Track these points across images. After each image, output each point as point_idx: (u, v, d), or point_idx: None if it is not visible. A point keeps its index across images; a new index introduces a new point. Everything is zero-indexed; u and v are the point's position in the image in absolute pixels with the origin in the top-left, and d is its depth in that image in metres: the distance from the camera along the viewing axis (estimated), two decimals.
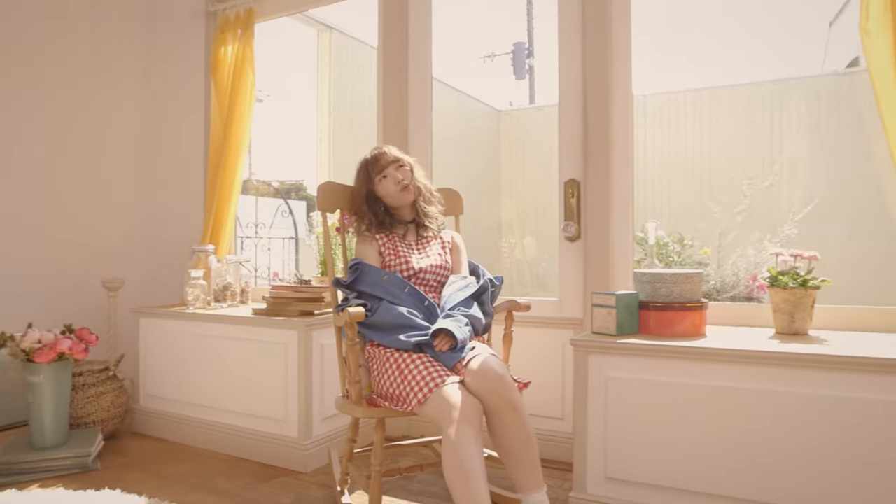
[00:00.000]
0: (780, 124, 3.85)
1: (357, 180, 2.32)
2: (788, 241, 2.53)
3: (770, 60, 3.79)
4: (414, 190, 2.29)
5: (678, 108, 4.49)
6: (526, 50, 9.54)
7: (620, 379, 2.06)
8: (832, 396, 1.80)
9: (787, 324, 2.13)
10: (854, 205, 2.88)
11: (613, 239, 2.57)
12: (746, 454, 1.89)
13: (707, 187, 3.38)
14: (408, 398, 1.89)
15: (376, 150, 2.30)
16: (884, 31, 2.06)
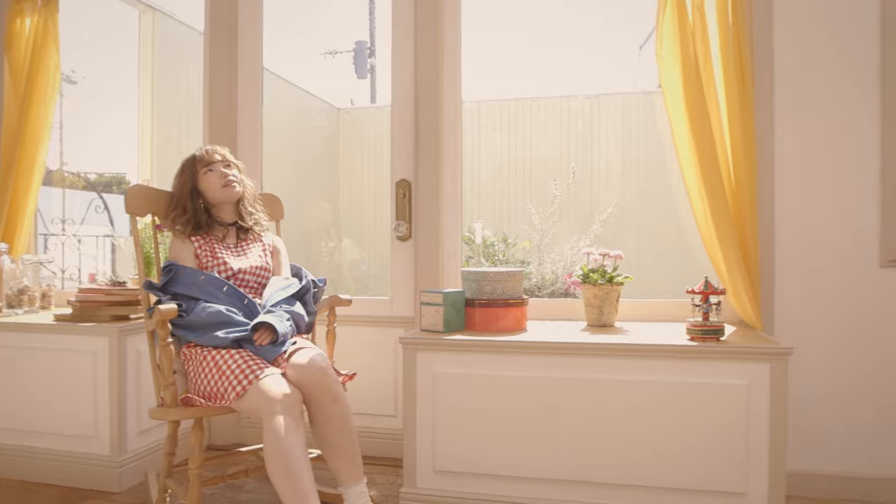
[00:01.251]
0: (599, 134, 4.18)
1: (181, 175, 2.20)
2: (599, 241, 2.77)
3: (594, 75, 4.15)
4: (241, 188, 2.21)
5: (511, 115, 4.71)
6: (368, 49, 9.52)
7: (448, 374, 2.14)
8: (635, 381, 2.02)
9: (597, 317, 2.34)
10: (654, 210, 3.21)
11: (443, 239, 2.66)
12: (566, 438, 2.06)
13: (531, 190, 3.60)
14: (225, 393, 1.83)
15: (207, 147, 2.23)
16: (674, 58, 2.32)
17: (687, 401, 1.99)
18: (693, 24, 2.32)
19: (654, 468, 2.01)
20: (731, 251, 2.21)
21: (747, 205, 2.26)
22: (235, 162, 2.27)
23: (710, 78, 2.32)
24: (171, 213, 2.18)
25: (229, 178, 2.17)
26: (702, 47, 2.32)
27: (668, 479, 2.01)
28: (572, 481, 2.06)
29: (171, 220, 2.18)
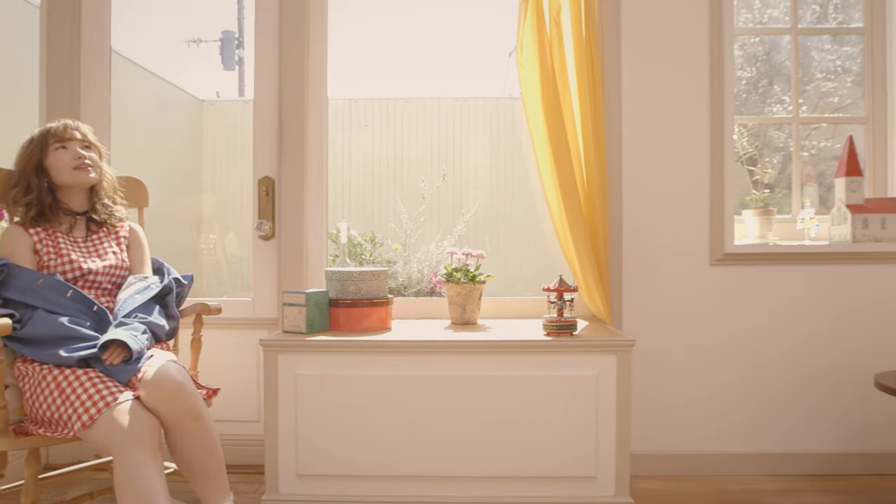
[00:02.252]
0: (468, 136, 4.26)
1: (27, 147, 1.93)
2: (466, 241, 2.84)
3: (465, 79, 4.25)
4: (97, 174, 1.99)
5: (383, 115, 4.69)
6: (235, 40, 9.11)
7: (311, 376, 2.09)
8: (495, 376, 2.08)
9: (460, 315, 2.40)
10: (519, 211, 3.33)
11: (307, 238, 2.60)
12: (431, 435, 2.08)
13: (401, 189, 3.62)
14: (69, 421, 1.64)
15: (67, 121, 1.98)
16: (533, 67, 2.43)
17: (544, 393, 2.08)
18: (550, 34, 2.44)
19: (515, 459, 2.09)
20: (584, 251, 2.35)
21: (599, 207, 2.41)
22: (97, 144, 2.03)
23: (565, 86, 2.45)
24: (12, 191, 1.91)
25: (84, 161, 1.94)
26: (558, 57, 2.45)
27: (528, 469, 2.10)
28: (438, 477, 2.10)
29: (11, 198, 1.91)
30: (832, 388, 2.61)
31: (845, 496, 2.39)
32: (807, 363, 2.60)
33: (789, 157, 2.89)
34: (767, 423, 2.61)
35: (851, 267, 2.60)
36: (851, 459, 2.60)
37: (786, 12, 2.93)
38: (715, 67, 2.56)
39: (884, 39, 2.83)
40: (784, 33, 2.91)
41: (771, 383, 2.61)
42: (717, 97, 2.56)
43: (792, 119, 2.86)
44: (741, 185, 3.07)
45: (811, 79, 3.10)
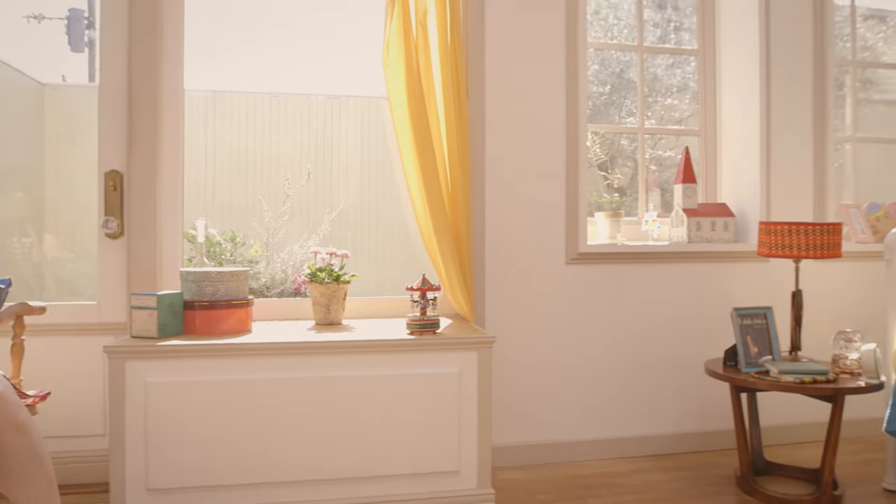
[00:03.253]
0: (338, 135, 4.21)
1: None
2: (334, 240, 2.81)
3: (337, 76, 4.17)
4: None
5: (250, 109, 4.51)
6: (85, 19, 8.38)
7: (163, 383, 1.98)
8: (359, 376, 2.08)
9: (324, 315, 2.37)
10: (388, 210, 3.34)
11: (161, 237, 2.45)
12: (294, 438, 2.04)
13: (268, 187, 3.50)
14: None
15: None
16: (399, 67, 2.44)
17: (408, 391, 2.11)
18: (417, 37, 2.47)
19: (380, 458, 2.10)
20: (448, 250, 2.40)
21: (462, 208, 2.47)
22: None
23: (431, 88, 2.50)
24: None
25: None
26: (424, 59, 2.48)
27: (394, 467, 2.11)
28: (302, 481, 2.05)
29: None
30: (672, 374, 2.86)
31: (682, 472, 2.63)
32: (651, 352, 2.84)
33: (644, 164, 3.13)
34: (617, 410, 2.81)
35: (687, 265, 2.86)
36: (688, 439, 2.87)
37: (634, 32, 3.16)
38: (571, 78, 2.72)
39: (714, 60, 3.14)
40: (631, 50, 3.15)
41: (620, 372, 2.81)
42: (572, 105, 2.71)
43: (638, 129, 3.10)
44: (597, 188, 3.28)
45: (659, 94, 3.38)
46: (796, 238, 2.38)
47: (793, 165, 2.98)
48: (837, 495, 2.32)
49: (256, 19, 3.84)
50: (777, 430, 2.95)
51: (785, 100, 2.96)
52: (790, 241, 2.40)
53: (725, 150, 3.10)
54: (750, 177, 2.96)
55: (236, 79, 4.35)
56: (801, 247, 2.38)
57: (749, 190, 2.96)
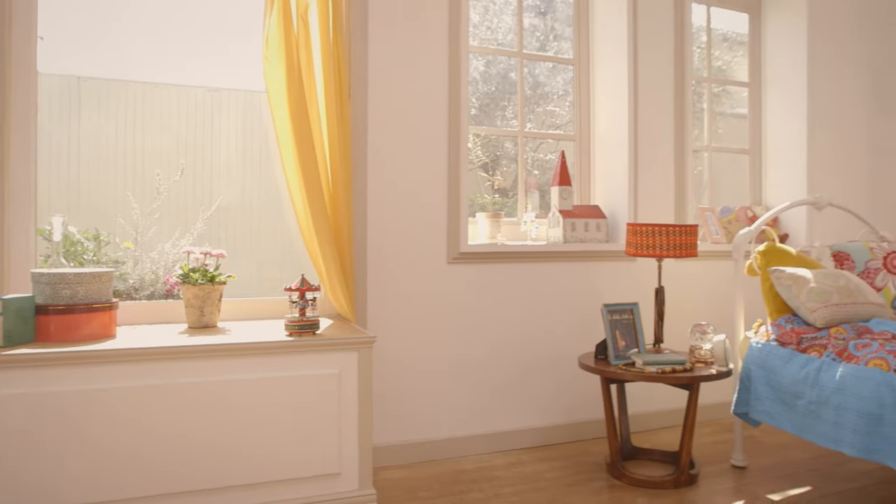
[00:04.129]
0: (220, 129, 4.03)
1: None
2: (213, 239, 2.68)
3: (219, 68, 3.98)
4: None
5: (122, 98, 4.22)
6: None
7: (9, 396, 1.80)
8: (235, 380, 2.00)
9: (198, 318, 2.26)
10: (270, 208, 3.25)
11: (9, 235, 2.23)
12: (165, 448, 1.92)
13: (142, 182, 3.30)
14: None
15: None
16: (280, 61, 2.38)
17: (287, 394, 2.06)
18: (298, 32, 2.41)
19: (259, 464, 2.03)
20: (329, 250, 2.37)
21: (344, 207, 2.45)
22: None
23: (312, 85, 2.45)
24: None
25: None
26: (305, 55, 2.43)
27: (273, 473, 2.05)
28: (177, 493, 1.94)
29: None
30: (549, 368, 2.99)
31: (558, 461, 2.75)
32: (529, 348, 2.95)
33: (523, 167, 3.24)
34: (498, 405, 2.90)
35: (563, 264, 3.00)
36: (565, 429, 3.00)
37: (515, 38, 3.27)
38: (453, 80, 2.77)
39: (589, 70, 3.32)
40: (513, 55, 3.25)
41: (501, 368, 2.90)
42: (454, 107, 2.77)
43: (518, 133, 3.21)
44: (481, 189, 3.36)
45: (542, 99, 3.51)
46: (658, 238, 2.57)
47: (657, 171, 3.20)
48: (694, 474, 2.52)
49: (130, 2, 3.59)
50: (644, 418, 3.16)
51: (650, 111, 3.18)
52: (653, 242, 2.58)
53: (599, 155, 3.28)
54: (620, 181, 3.15)
55: (106, 65, 4.06)
56: (663, 247, 2.56)
57: (619, 193, 3.16)
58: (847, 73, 3.73)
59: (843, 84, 3.72)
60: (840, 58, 3.70)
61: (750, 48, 3.79)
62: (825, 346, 2.27)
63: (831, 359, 2.21)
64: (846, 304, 2.41)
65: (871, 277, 2.76)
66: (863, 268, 2.80)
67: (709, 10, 3.66)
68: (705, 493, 2.42)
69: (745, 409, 2.51)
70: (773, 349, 2.42)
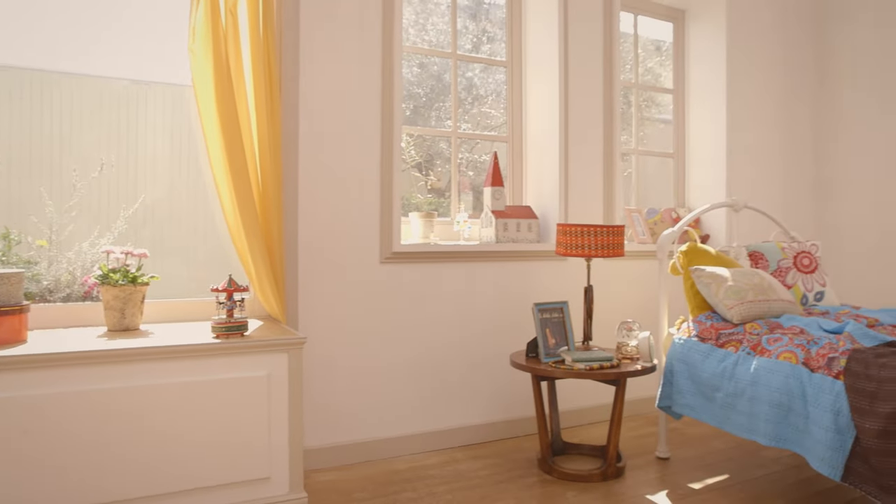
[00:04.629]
0: (145, 123, 3.87)
1: None
2: (137, 238, 2.57)
3: (146, 60, 3.82)
4: None
5: (37, 89, 4.01)
6: None
7: None
8: (157, 385, 1.92)
9: (118, 320, 2.16)
10: (192, 206, 3.14)
11: None
12: (87, 458, 1.83)
13: (59, 179, 3.13)
14: None
15: None
16: (206, 55, 2.31)
17: (212, 398, 2.00)
18: (226, 25, 2.35)
19: (186, 471, 1.96)
20: (258, 250, 2.32)
21: (274, 206, 2.40)
22: None
23: (241, 80, 2.39)
24: None
25: None
26: (234, 50, 2.37)
27: (200, 479, 1.99)
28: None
29: None
30: (482, 367, 3.02)
31: (491, 459, 2.78)
32: (462, 347, 2.97)
33: (456, 167, 3.26)
34: (431, 405, 2.91)
35: (496, 263, 3.04)
36: (498, 427, 3.04)
37: (450, 39, 3.29)
38: (386, 79, 2.76)
39: (521, 73, 3.38)
40: (446, 56, 3.27)
41: (434, 368, 2.91)
42: (387, 106, 2.76)
43: (451, 133, 3.23)
44: (416, 189, 3.36)
45: (476, 100, 3.54)
46: (587, 239, 2.64)
47: (587, 173, 3.29)
48: (620, 467, 2.60)
49: None
50: (574, 413, 3.24)
51: (580, 114, 3.27)
52: (582, 242, 2.64)
53: (531, 157, 3.34)
54: (550, 182, 3.22)
55: (19, 52, 3.84)
56: (591, 246, 2.64)
57: (550, 194, 3.22)
58: (763, 82, 3.93)
59: (760, 92, 3.92)
60: (757, 66, 3.90)
61: (674, 56, 3.95)
62: (741, 341, 2.39)
63: (746, 353, 2.33)
64: (760, 300, 2.55)
65: (782, 275, 2.93)
66: (775, 266, 2.96)
67: (636, 18, 3.79)
68: (631, 485, 2.50)
69: (668, 403, 2.61)
70: (694, 345, 2.52)
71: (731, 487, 2.49)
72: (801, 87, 4.10)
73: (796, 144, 4.09)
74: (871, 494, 1.88)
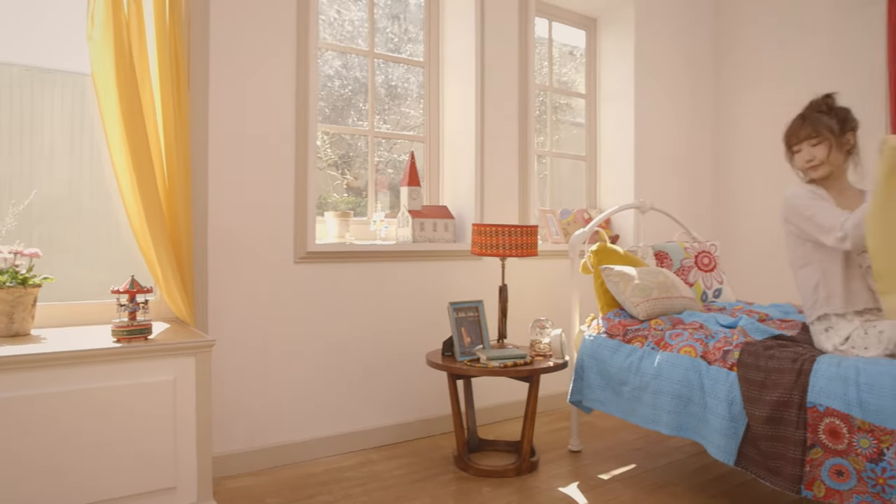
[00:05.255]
0: (42, 114, 3.62)
1: None
2: (17, 236, 2.40)
3: (46, 47, 3.57)
4: None
5: None
6: None
7: None
8: (52, 393, 1.80)
9: (7, 325, 2.02)
10: (96, 201, 2.97)
11: None
12: None
13: None
14: None
15: None
16: (107, 44, 2.18)
17: (114, 405, 1.89)
18: (129, 13, 2.23)
19: (84, 484, 1.84)
20: (164, 250, 2.22)
21: (181, 205, 2.31)
22: None
23: (145, 72, 2.28)
24: None
25: None
26: (137, 38, 2.26)
27: (101, 492, 1.87)
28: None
29: None
30: (399, 367, 3.02)
31: (408, 459, 2.79)
32: (379, 347, 2.96)
33: (375, 166, 3.24)
34: (347, 406, 2.88)
35: (412, 263, 3.05)
36: (415, 426, 3.05)
37: (367, 38, 3.27)
38: (301, 76, 2.70)
39: (438, 74, 3.40)
40: (364, 55, 3.25)
41: (350, 369, 2.88)
42: (302, 103, 2.70)
43: (368, 132, 3.21)
44: (334, 188, 3.32)
45: (396, 100, 3.53)
46: (502, 238, 2.69)
47: (502, 174, 3.35)
48: (534, 461, 2.67)
49: None
50: (491, 410, 3.30)
51: (496, 116, 3.33)
52: (497, 241, 2.69)
53: (447, 157, 3.37)
54: (467, 182, 3.26)
55: None
56: (506, 246, 2.69)
57: (466, 194, 3.26)
58: (668, 88, 4.14)
59: (666, 98, 4.12)
60: (662, 73, 4.10)
61: (587, 63, 4.09)
62: (646, 336, 2.51)
63: (651, 348, 2.44)
64: (664, 297, 2.68)
65: (685, 274, 3.09)
66: (679, 265, 3.12)
67: (550, 24, 3.90)
68: (544, 478, 2.57)
69: (579, 398, 2.70)
70: (603, 341, 2.62)
71: (637, 476, 2.60)
72: (702, 94, 4.34)
73: (699, 148, 4.33)
74: (760, 477, 2.02)
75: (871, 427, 1.77)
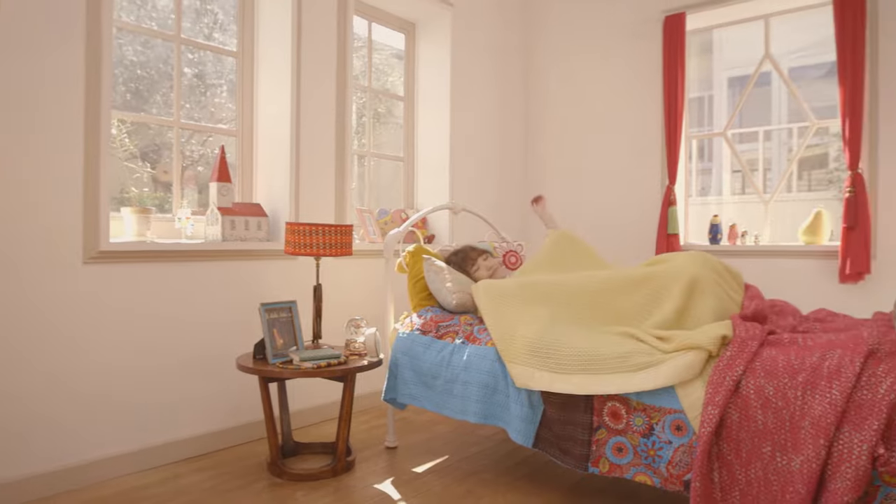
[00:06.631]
0: None
1: None
2: None
3: None
4: None
5: None
6: None
7: None
8: None
9: None
10: None
11: None
12: None
13: None
14: None
15: None
16: None
17: None
18: None
19: None
20: None
21: None
22: None
23: None
24: None
25: None
26: None
27: None
28: None
29: None
30: (208, 373, 2.85)
31: (218, 469, 2.64)
32: (184, 353, 2.77)
33: (187, 160, 3.01)
34: (151, 417, 2.66)
35: (222, 262, 2.89)
36: (227, 434, 2.90)
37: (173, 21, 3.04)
38: (91, 58, 2.44)
39: (252, 66, 3.26)
40: (169, 39, 3.01)
41: (154, 377, 2.67)
42: (93, 86, 2.44)
43: (174, 123, 2.99)
44: (137, 182, 3.03)
45: (208, 91, 3.31)
46: (316, 238, 2.65)
47: (319, 173, 3.31)
48: (351, 461, 2.67)
49: None
50: (308, 412, 3.24)
51: (313, 114, 3.27)
52: (311, 241, 2.65)
53: (261, 153, 3.25)
54: (282, 180, 3.17)
55: None
56: (320, 245, 2.66)
57: (281, 192, 3.17)
58: (482, 92, 4.36)
59: (479, 101, 4.34)
60: (477, 76, 4.31)
61: (406, 65, 4.18)
62: (457, 332, 2.62)
63: (461, 342, 2.56)
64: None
65: None
66: None
67: (370, 25, 3.92)
68: (360, 476, 2.58)
69: (393, 395, 2.75)
70: (417, 338, 2.70)
71: (450, 467, 2.71)
72: (512, 98, 4.64)
73: (510, 152, 4.61)
74: (554, 457, 2.20)
75: (644, 406, 2.01)
